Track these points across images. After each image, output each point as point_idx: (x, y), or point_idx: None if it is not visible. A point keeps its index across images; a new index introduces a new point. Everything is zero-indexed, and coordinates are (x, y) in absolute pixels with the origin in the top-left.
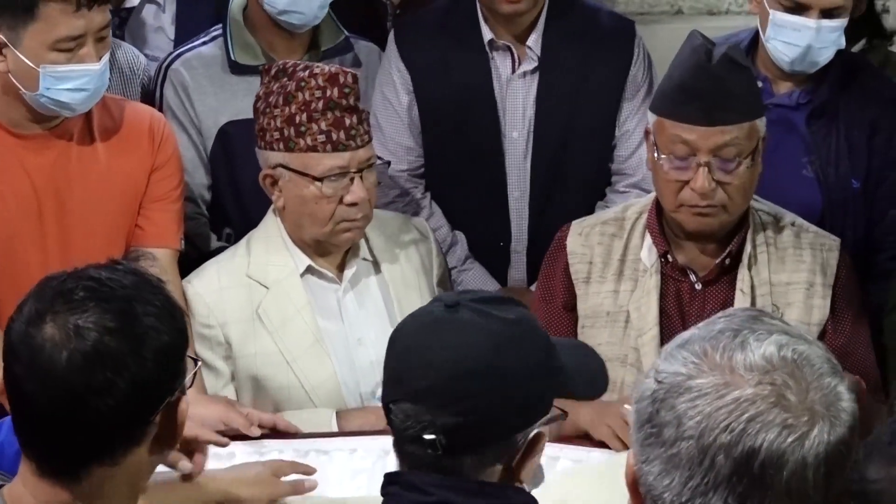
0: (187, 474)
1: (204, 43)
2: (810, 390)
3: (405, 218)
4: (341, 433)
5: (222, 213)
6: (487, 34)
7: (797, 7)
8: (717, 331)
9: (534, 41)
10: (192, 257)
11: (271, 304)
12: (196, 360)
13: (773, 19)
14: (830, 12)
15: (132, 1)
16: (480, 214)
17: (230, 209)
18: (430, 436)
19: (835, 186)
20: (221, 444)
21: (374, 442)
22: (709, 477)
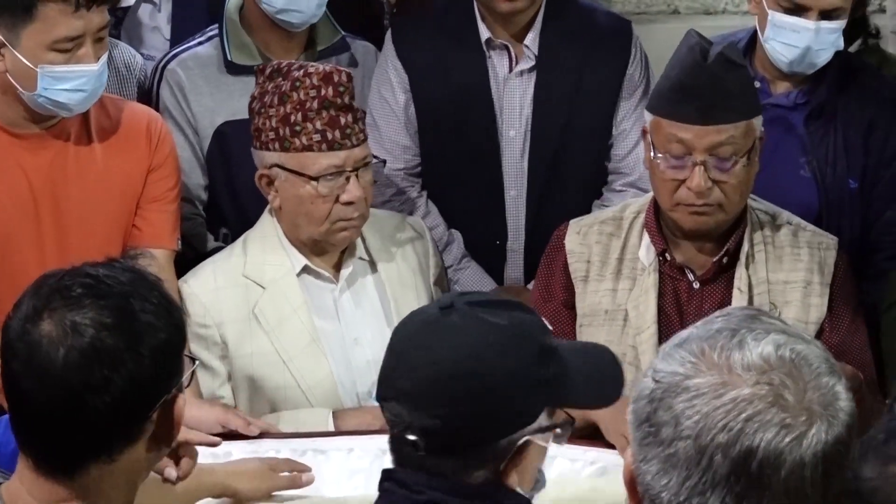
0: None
1: (200, 43)
2: (808, 390)
3: (401, 217)
4: (338, 433)
5: (219, 214)
6: (485, 33)
7: (796, 8)
8: (715, 330)
9: (531, 40)
10: (189, 257)
11: (268, 304)
12: (193, 360)
13: (772, 20)
14: (830, 14)
15: (128, 0)
16: (477, 213)
17: (227, 209)
18: (412, 437)
19: (832, 186)
20: (213, 445)
21: (371, 441)
22: (706, 476)
